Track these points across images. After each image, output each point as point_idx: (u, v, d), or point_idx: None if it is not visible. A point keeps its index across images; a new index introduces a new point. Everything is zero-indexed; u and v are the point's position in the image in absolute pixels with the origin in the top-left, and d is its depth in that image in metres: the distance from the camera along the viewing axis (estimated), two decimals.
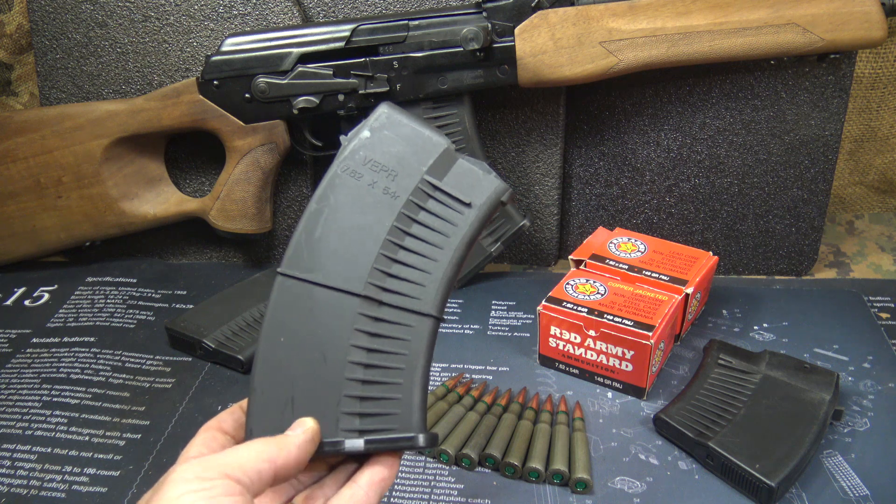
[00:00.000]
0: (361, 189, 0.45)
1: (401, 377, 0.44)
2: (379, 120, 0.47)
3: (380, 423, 0.44)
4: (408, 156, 0.46)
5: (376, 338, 0.44)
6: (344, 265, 0.44)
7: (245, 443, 0.40)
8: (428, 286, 0.45)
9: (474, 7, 0.77)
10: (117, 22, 0.87)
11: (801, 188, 0.85)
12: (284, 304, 0.44)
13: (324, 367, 0.44)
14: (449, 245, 0.45)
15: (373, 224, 0.45)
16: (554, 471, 0.60)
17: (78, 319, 0.83)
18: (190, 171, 0.92)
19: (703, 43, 0.75)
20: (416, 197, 0.45)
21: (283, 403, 0.43)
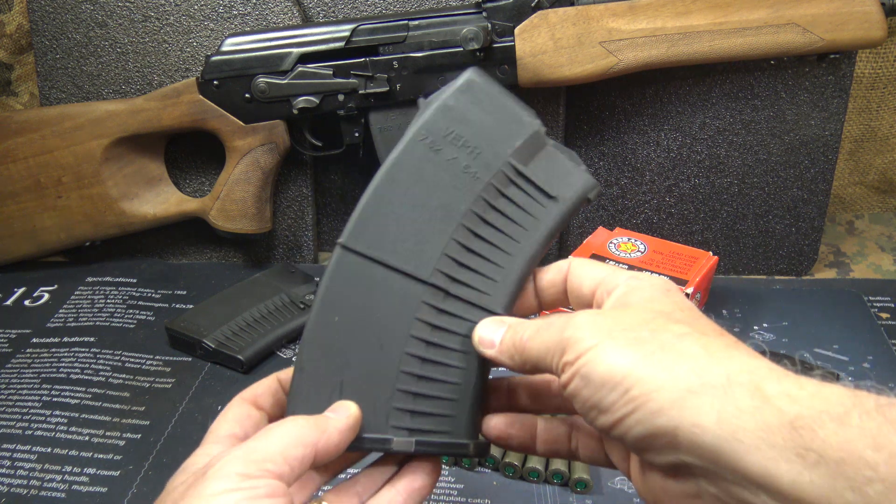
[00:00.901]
0: (439, 163, 0.40)
1: (459, 377, 0.40)
2: (465, 86, 0.41)
3: (432, 423, 0.40)
4: (493, 133, 0.41)
5: (438, 331, 0.40)
6: (412, 246, 0.40)
7: (283, 423, 0.37)
8: (499, 282, 0.41)
9: (474, 7, 0.77)
10: (117, 22, 0.87)
11: (801, 188, 0.85)
12: (342, 281, 0.40)
13: (379, 354, 0.40)
14: (527, 239, 0.41)
15: (448, 204, 0.40)
16: (554, 471, 0.60)
17: (78, 319, 0.83)
18: (190, 171, 0.92)
19: (703, 43, 0.75)
20: (498, 181, 0.41)
21: (332, 388, 0.40)
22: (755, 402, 0.30)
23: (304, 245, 0.93)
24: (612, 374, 0.32)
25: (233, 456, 0.34)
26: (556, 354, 0.36)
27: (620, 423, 0.32)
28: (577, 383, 0.34)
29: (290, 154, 0.86)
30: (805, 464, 0.28)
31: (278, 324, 0.78)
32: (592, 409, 0.34)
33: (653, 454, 0.33)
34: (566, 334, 0.35)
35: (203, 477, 0.33)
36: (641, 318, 0.35)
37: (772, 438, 0.29)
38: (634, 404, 0.32)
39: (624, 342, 0.33)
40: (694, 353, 0.32)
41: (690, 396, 0.31)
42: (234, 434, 0.39)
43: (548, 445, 0.43)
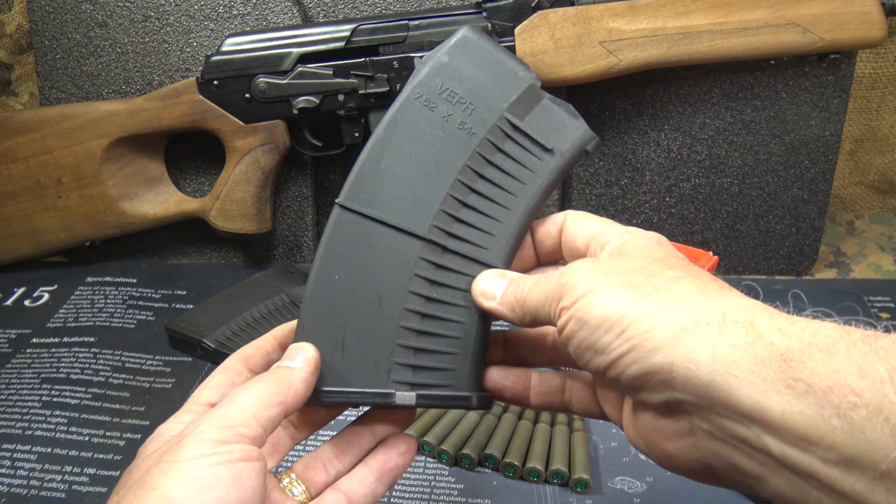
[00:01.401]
0: (435, 120, 0.41)
1: (460, 331, 0.41)
2: (460, 43, 0.41)
3: (433, 377, 0.41)
4: (488, 88, 0.41)
5: (437, 286, 0.41)
6: (409, 203, 0.40)
7: (251, 385, 0.37)
8: (497, 236, 0.41)
9: (474, 7, 0.77)
10: (117, 22, 0.87)
11: (802, 188, 0.85)
12: (341, 239, 0.40)
13: (379, 311, 0.40)
14: (524, 193, 0.41)
15: (444, 161, 0.41)
16: (554, 471, 0.59)
17: (78, 319, 0.83)
18: (190, 171, 0.92)
19: (703, 43, 0.75)
20: (494, 136, 0.41)
21: (333, 345, 0.40)
22: (749, 337, 0.30)
23: (304, 245, 0.93)
24: (608, 315, 0.33)
25: (207, 423, 0.34)
26: (553, 302, 0.36)
27: (616, 364, 0.33)
28: (573, 326, 0.35)
29: (290, 154, 0.86)
30: (794, 394, 0.28)
31: (278, 324, 0.77)
32: (588, 350, 0.34)
33: (647, 393, 0.33)
34: (563, 280, 0.36)
35: (178, 444, 0.33)
36: (637, 265, 0.36)
37: (764, 372, 0.29)
38: (630, 343, 0.33)
39: (619, 285, 0.34)
40: (689, 294, 0.33)
41: (685, 334, 0.31)
42: (212, 402, 0.38)
43: (541, 397, 0.44)
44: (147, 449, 0.36)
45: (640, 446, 0.38)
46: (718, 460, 0.33)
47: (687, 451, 0.34)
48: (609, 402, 0.41)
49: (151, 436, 0.37)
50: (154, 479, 0.32)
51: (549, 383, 0.43)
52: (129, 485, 0.33)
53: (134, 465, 0.35)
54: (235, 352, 0.42)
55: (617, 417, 0.41)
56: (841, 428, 0.27)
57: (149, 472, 0.33)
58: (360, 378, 0.40)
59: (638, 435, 0.37)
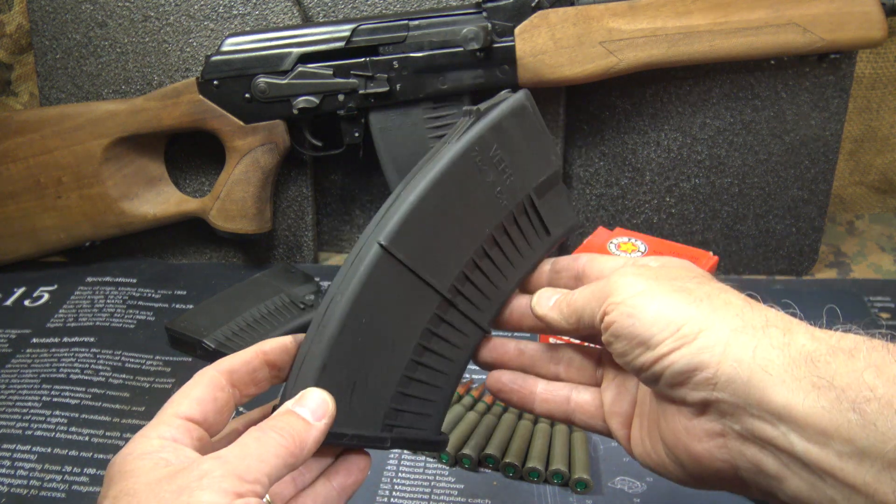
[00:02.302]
0: (481, 185, 0.41)
1: (443, 382, 0.43)
2: (518, 110, 0.42)
3: (412, 421, 0.42)
4: (528, 164, 0.43)
5: (435, 338, 0.42)
6: (440, 260, 0.41)
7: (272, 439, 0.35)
8: (492, 301, 0.43)
9: (474, 7, 0.77)
10: (117, 22, 0.87)
11: (802, 188, 0.85)
12: (378, 284, 0.39)
13: (390, 358, 0.40)
14: (521, 266, 0.44)
15: (477, 226, 0.42)
16: (554, 471, 0.59)
17: (78, 319, 0.83)
18: (190, 171, 0.92)
19: (703, 43, 0.75)
20: (516, 209, 0.43)
21: (347, 388, 0.39)
22: (785, 339, 0.34)
23: (304, 245, 0.93)
24: (664, 313, 0.36)
25: (226, 471, 0.33)
26: (600, 299, 0.39)
27: (665, 358, 0.36)
28: (624, 321, 0.37)
29: (290, 154, 0.86)
30: (818, 391, 0.31)
31: (278, 324, 0.78)
32: (639, 346, 0.36)
33: (687, 390, 0.36)
34: (612, 280, 0.39)
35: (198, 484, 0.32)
36: (683, 275, 0.39)
37: (794, 371, 0.32)
38: (684, 340, 0.35)
39: (671, 289, 0.37)
40: (737, 303, 0.37)
41: (734, 335, 0.34)
42: (192, 417, 0.37)
43: (546, 405, 0.46)
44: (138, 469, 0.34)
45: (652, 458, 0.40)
46: (744, 461, 0.35)
47: (716, 451, 0.36)
48: (616, 418, 0.43)
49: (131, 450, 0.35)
50: None
51: (554, 392, 0.46)
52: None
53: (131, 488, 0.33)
54: (219, 361, 0.39)
55: (622, 433, 0.43)
56: (855, 421, 0.30)
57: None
58: (361, 421, 0.40)
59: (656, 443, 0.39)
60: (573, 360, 0.46)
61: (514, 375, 0.46)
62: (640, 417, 0.42)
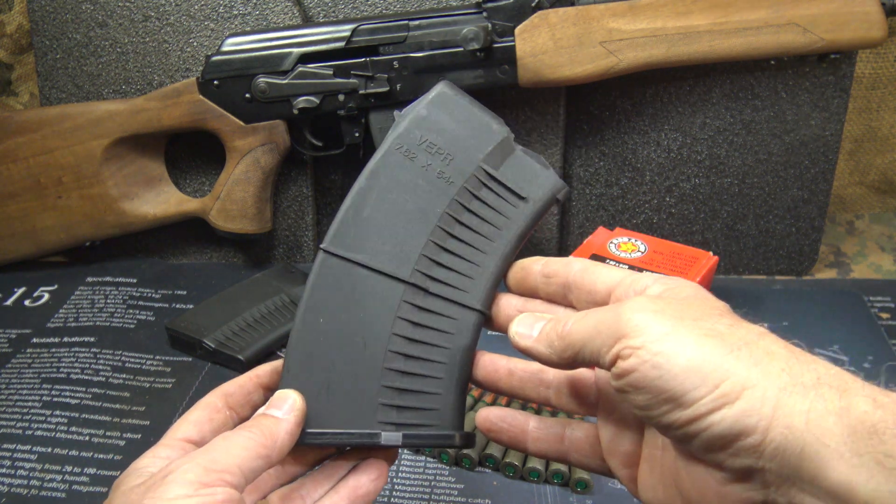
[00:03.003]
0: (415, 170, 0.43)
1: (442, 372, 0.42)
2: (437, 98, 0.44)
3: (418, 417, 0.42)
4: (465, 140, 0.43)
5: (419, 328, 0.42)
6: (391, 249, 0.42)
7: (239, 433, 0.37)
8: (476, 279, 0.43)
9: (474, 7, 0.77)
10: (117, 22, 0.87)
11: (802, 188, 0.85)
12: (326, 284, 0.42)
13: (363, 353, 0.42)
14: (500, 238, 0.43)
15: (424, 209, 0.43)
16: (554, 471, 0.60)
17: (78, 319, 0.83)
18: (190, 171, 0.92)
19: (703, 43, 0.75)
20: (471, 185, 0.43)
21: (319, 387, 0.41)
22: (843, 402, 0.29)
23: (304, 245, 0.93)
24: (699, 364, 0.30)
25: (193, 463, 0.34)
26: (608, 337, 0.33)
27: (700, 420, 0.30)
28: (650, 373, 0.31)
29: (290, 154, 0.86)
30: (885, 472, 0.27)
31: (278, 324, 0.78)
32: (668, 402, 0.31)
33: (726, 455, 0.31)
34: (624, 316, 0.33)
35: (162, 481, 0.34)
36: (706, 311, 0.33)
37: (856, 445, 0.28)
38: (725, 400, 0.30)
39: (700, 332, 0.32)
40: (781, 353, 0.31)
41: (784, 395, 0.29)
42: (189, 438, 0.39)
43: (539, 444, 0.43)
44: (125, 483, 0.36)
45: None
46: None
47: None
48: (616, 458, 0.40)
49: (128, 470, 0.38)
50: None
51: (548, 430, 0.43)
52: None
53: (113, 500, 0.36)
54: (216, 389, 0.42)
55: (624, 473, 0.39)
56: None
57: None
58: (346, 419, 0.41)
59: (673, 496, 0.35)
60: (563, 386, 0.42)
61: (503, 412, 0.43)
62: (650, 462, 0.38)
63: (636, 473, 0.39)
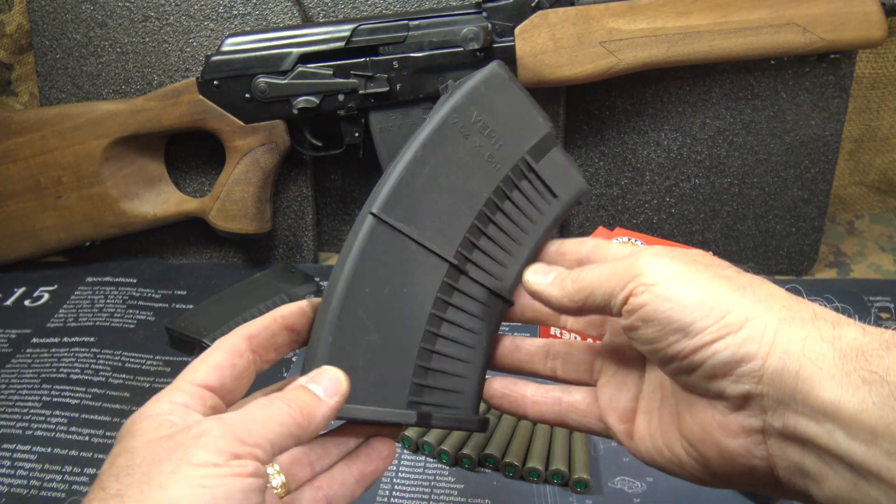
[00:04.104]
0: (468, 149, 0.42)
1: (469, 355, 0.42)
2: (492, 78, 0.43)
3: (443, 399, 0.41)
4: (514, 127, 0.43)
5: (453, 309, 0.42)
6: (439, 226, 0.41)
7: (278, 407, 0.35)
8: (508, 268, 0.43)
9: (474, 7, 0.77)
10: (117, 22, 0.87)
11: (802, 188, 0.85)
12: (374, 252, 0.40)
13: (403, 329, 0.40)
14: (532, 232, 0.43)
15: (472, 190, 0.42)
16: (554, 471, 0.59)
17: (78, 319, 0.83)
18: (190, 171, 0.92)
19: (703, 43, 0.75)
20: (514, 174, 0.43)
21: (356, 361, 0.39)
22: (836, 332, 0.32)
23: (304, 245, 0.93)
24: (706, 298, 0.34)
25: (227, 430, 0.33)
26: (623, 278, 0.36)
27: (706, 347, 0.33)
28: (661, 305, 0.34)
29: (290, 154, 0.86)
30: (869, 387, 0.30)
31: None
32: (675, 332, 0.34)
33: (728, 381, 0.33)
34: (639, 261, 0.36)
35: (194, 443, 0.32)
36: (715, 263, 0.37)
37: (845, 365, 0.31)
38: (728, 329, 0.33)
39: (710, 275, 0.35)
40: (782, 295, 0.35)
41: (783, 325, 0.33)
42: (209, 384, 0.36)
43: (537, 408, 0.44)
44: (145, 430, 0.34)
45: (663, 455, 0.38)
46: (783, 460, 0.33)
47: (754, 448, 0.34)
48: (614, 413, 0.42)
49: (142, 413, 0.35)
50: (164, 476, 0.31)
51: (545, 395, 0.44)
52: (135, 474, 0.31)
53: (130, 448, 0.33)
54: (238, 328, 0.39)
55: (621, 428, 0.41)
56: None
57: (158, 467, 0.31)
58: (380, 397, 0.40)
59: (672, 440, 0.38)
60: (570, 356, 0.45)
61: (504, 381, 0.45)
62: (647, 413, 0.40)
63: (632, 428, 0.41)
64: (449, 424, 0.42)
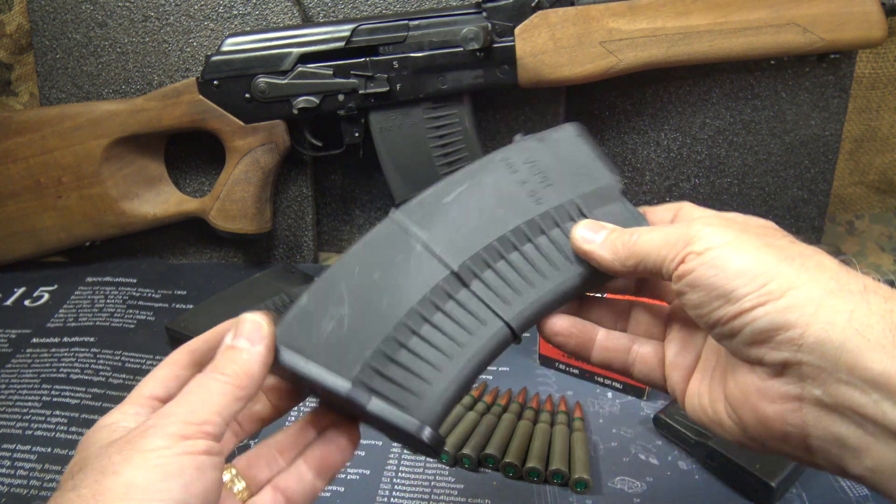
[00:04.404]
0: (511, 181, 0.44)
1: (444, 364, 0.41)
2: (560, 133, 0.45)
3: (395, 393, 0.40)
4: (570, 172, 0.44)
5: (442, 315, 0.42)
6: (453, 237, 0.43)
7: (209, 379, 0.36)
8: (523, 295, 0.42)
9: (474, 7, 0.77)
10: (117, 22, 0.87)
11: (801, 188, 0.85)
12: (379, 243, 0.43)
13: (378, 312, 0.41)
14: (561, 274, 0.43)
15: (502, 217, 0.43)
16: (554, 471, 0.59)
17: (78, 319, 0.83)
18: (190, 171, 0.92)
19: (703, 43, 0.75)
20: (558, 214, 0.43)
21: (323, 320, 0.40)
22: (887, 305, 0.32)
23: (304, 245, 0.93)
24: (750, 267, 0.34)
25: (173, 418, 0.34)
26: (675, 246, 0.37)
27: (746, 314, 0.34)
28: (705, 271, 0.35)
29: (290, 154, 0.86)
30: None
31: None
32: (718, 298, 0.35)
33: (767, 349, 0.34)
34: (692, 229, 0.37)
35: (142, 435, 0.33)
36: (769, 232, 0.38)
37: None
38: (770, 297, 0.33)
39: (760, 244, 0.36)
40: (832, 266, 0.35)
41: (829, 297, 0.33)
42: (156, 395, 0.38)
43: (605, 353, 0.45)
44: (96, 440, 0.35)
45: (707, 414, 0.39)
46: (819, 429, 0.34)
47: (789, 415, 0.34)
48: (677, 371, 0.43)
49: (95, 426, 0.36)
50: (116, 465, 0.32)
51: (615, 341, 0.45)
52: (88, 470, 0.32)
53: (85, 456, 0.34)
54: (182, 345, 0.41)
55: (680, 387, 0.42)
56: None
57: (109, 460, 0.32)
58: (329, 363, 0.39)
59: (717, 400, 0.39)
60: (641, 318, 0.45)
61: (573, 320, 0.44)
62: (701, 372, 0.41)
63: (686, 385, 0.42)
64: (389, 418, 0.39)
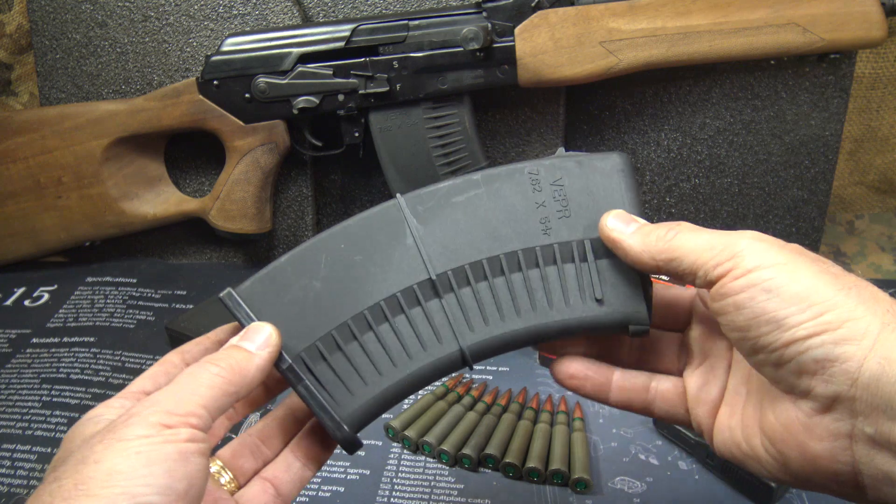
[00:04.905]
0: (528, 200, 0.40)
1: (388, 370, 0.39)
2: (602, 163, 0.41)
3: (330, 384, 0.39)
4: (593, 212, 0.40)
5: (403, 320, 0.40)
6: (446, 243, 0.40)
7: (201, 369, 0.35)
8: (490, 328, 0.39)
9: (474, 7, 0.77)
10: (117, 22, 0.87)
11: (801, 188, 0.85)
12: (376, 223, 0.40)
13: (344, 297, 0.39)
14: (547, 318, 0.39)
15: (503, 236, 0.40)
16: (554, 471, 0.59)
17: (78, 319, 0.83)
18: (190, 171, 0.92)
19: (703, 43, 0.75)
20: (562, 251, 0.40)
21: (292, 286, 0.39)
22: None
23: None
24: (809, 293, 0.33)
25: (157, 407, 0.33)
26: (719, 254, 0.35)
27: (798, 343, 0.32)
28: (756, 294, 0.33)
29: (290, 154, 0.86)
30: None
31: None
32: (769, 323, 0.33)
33: (819, 380, 0.32)
34: (742, 242, 0.35)
35: (124, 424, 0.33)
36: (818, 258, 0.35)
37: None
38: (826, 327, 0.32)
39: (816, 269, 0.34)
40: (886, 298, 0.33)
41: (885, 331, 0.31)
42: (145, 391, 0.38)
43: (623, 394, 0.42)
44: (81, 432, 0.34)
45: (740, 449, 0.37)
46: (872, 468, 0.32)
47: (838, 453, 0.33)
48: (702, 406, 0.40)
49: (81, 420, 0.36)
50: (97, 454, 0.31)
51: (632, 380, 0.42)
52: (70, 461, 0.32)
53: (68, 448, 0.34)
54: (176, 349, 0.41)
55: (707, 422, 0.40)
56: None
57: (91, 449, 0.32)
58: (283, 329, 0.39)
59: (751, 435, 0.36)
60: (654, 346, 0.43)
61: (586, 362, 0.42)
62: (730, 405, 0.39)
63: (713, 419, 0.40)
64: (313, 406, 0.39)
